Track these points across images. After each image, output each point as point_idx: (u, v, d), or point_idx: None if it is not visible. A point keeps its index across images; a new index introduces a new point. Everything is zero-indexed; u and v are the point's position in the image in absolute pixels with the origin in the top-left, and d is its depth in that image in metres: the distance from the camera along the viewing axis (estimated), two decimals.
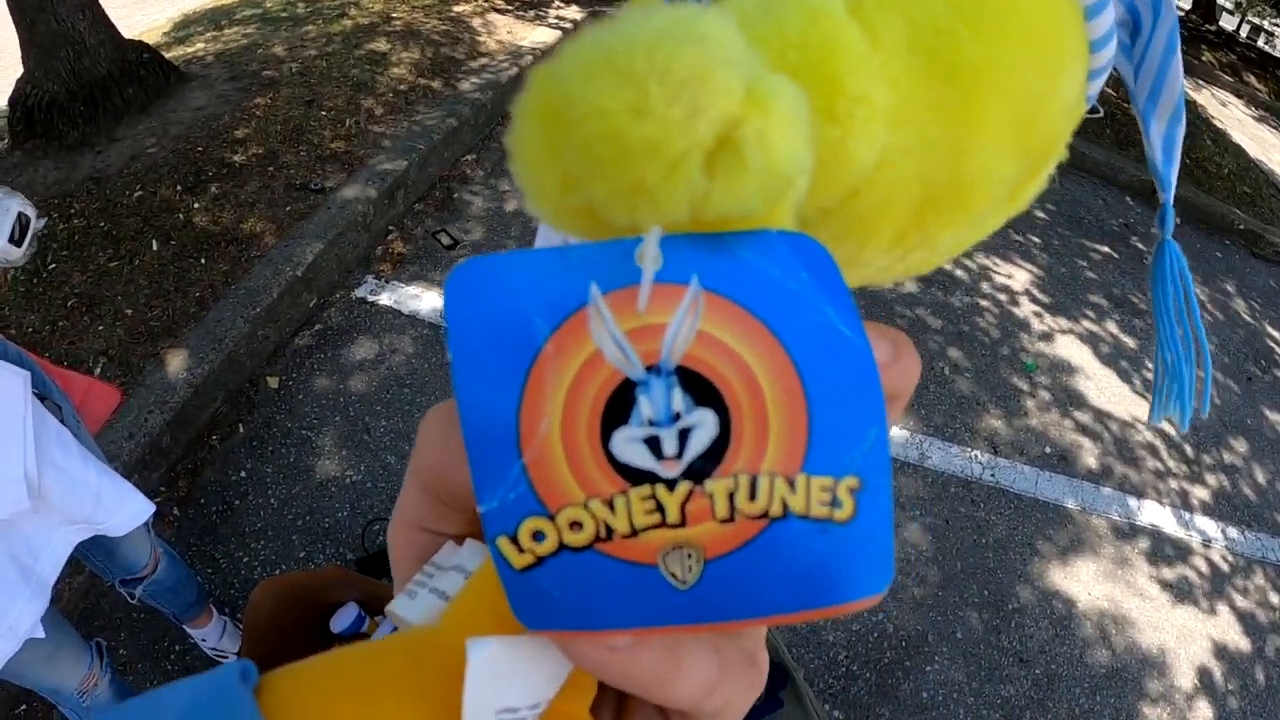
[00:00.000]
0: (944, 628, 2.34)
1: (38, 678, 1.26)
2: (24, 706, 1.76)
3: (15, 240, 1.03)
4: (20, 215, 1.02)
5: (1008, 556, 2.54)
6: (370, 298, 2.77)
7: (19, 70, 3.00)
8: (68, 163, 2.89)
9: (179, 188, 2.83)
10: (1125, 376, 3.27)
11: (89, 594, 1.94)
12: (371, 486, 2.29)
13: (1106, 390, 3.18)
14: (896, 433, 2.75)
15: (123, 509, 1.21)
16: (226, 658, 1.90)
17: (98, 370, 2.22)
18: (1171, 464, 3.03)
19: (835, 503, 0.19)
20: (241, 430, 2.33)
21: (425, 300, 2.81)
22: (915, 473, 2.64)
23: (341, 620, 1.94)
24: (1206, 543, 2.80)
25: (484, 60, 3.87)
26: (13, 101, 2.99)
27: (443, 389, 2.56)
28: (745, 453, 0.19)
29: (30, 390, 1.05)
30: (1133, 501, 2.83)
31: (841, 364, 0.19)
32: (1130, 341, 3.45)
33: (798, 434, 0.19)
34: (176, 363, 2.25)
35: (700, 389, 0.18)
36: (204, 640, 1.86)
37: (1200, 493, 2.97)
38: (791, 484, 0.19)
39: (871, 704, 2.17)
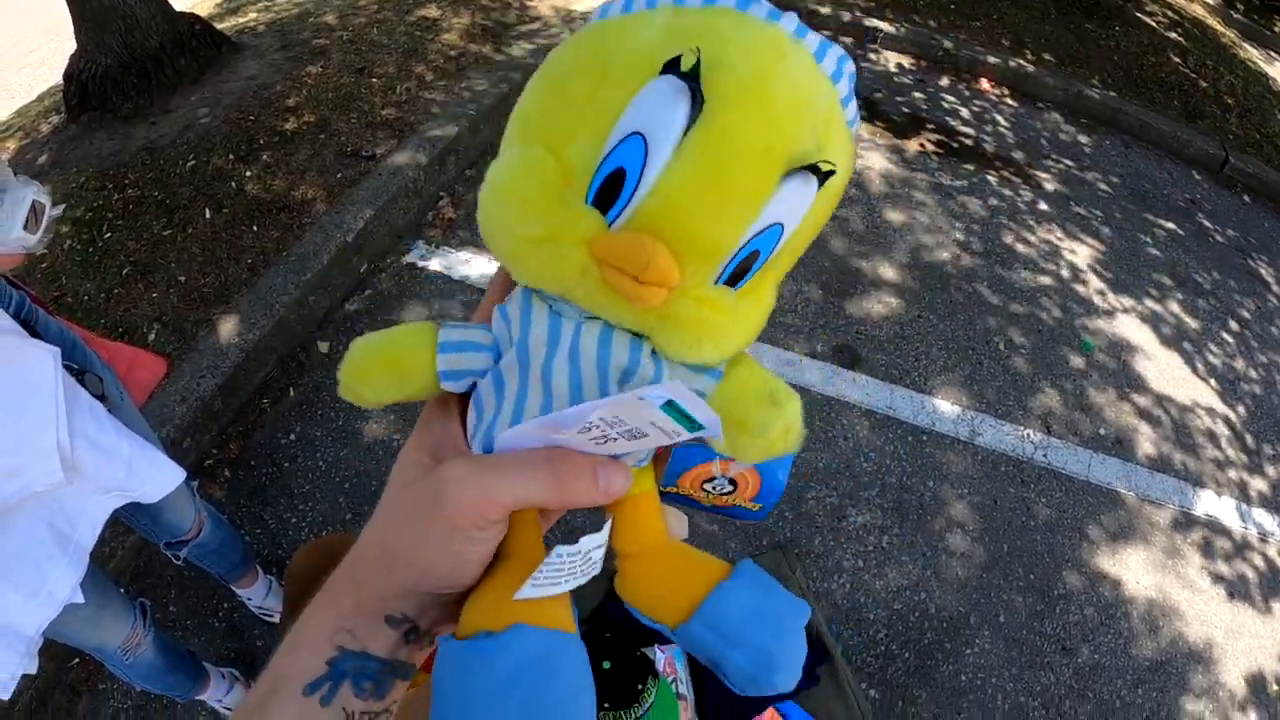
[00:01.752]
0: (987, 610, 2.30)
1: (80, 637, 1.29)
2: (76, 660, 1.84)
3: (30, 228, 1.04)
4: (35, 204, 1.03)
5: (1056, 540, 2.47)
6: (420, 263, 2.79)
7: (73, 46, 3.07)
8: (122, 134, 2.96)
9: (231, 156, 2.87)
10: (1187, 359, 3.14)
11: (141, 553, 2.02)
12: None
13: (1167, 372, 3.06)
14: (948, 408, 2.68)
15: (155, 477, 1.23)
16: (272, 617, 1.96)
17: (151, 336, 2.29)
18: (1231, 453, 2.90)
19: None
20: (292, 394, 2.37)
21: (475, 265, 2.82)
22: (965, 450, 2.58)
23: None
24: (1264, 537, 2.69)
25: (535, 25, 3.84)
26: (67, 76, 3.07)
27: None
28: None
29: (60, 366, 1.07)
30: (1189, 490, 2.72)
31: None
32: (1193, 323, 3.30)
33: None
34: (228, 328, 2.29)
35: None
36: (250, 599, 1.92)
37: (1260, 485, 2.85)
38: None
39: (909, 684, 2.15)
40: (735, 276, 0.36)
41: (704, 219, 0.33)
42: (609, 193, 0.34)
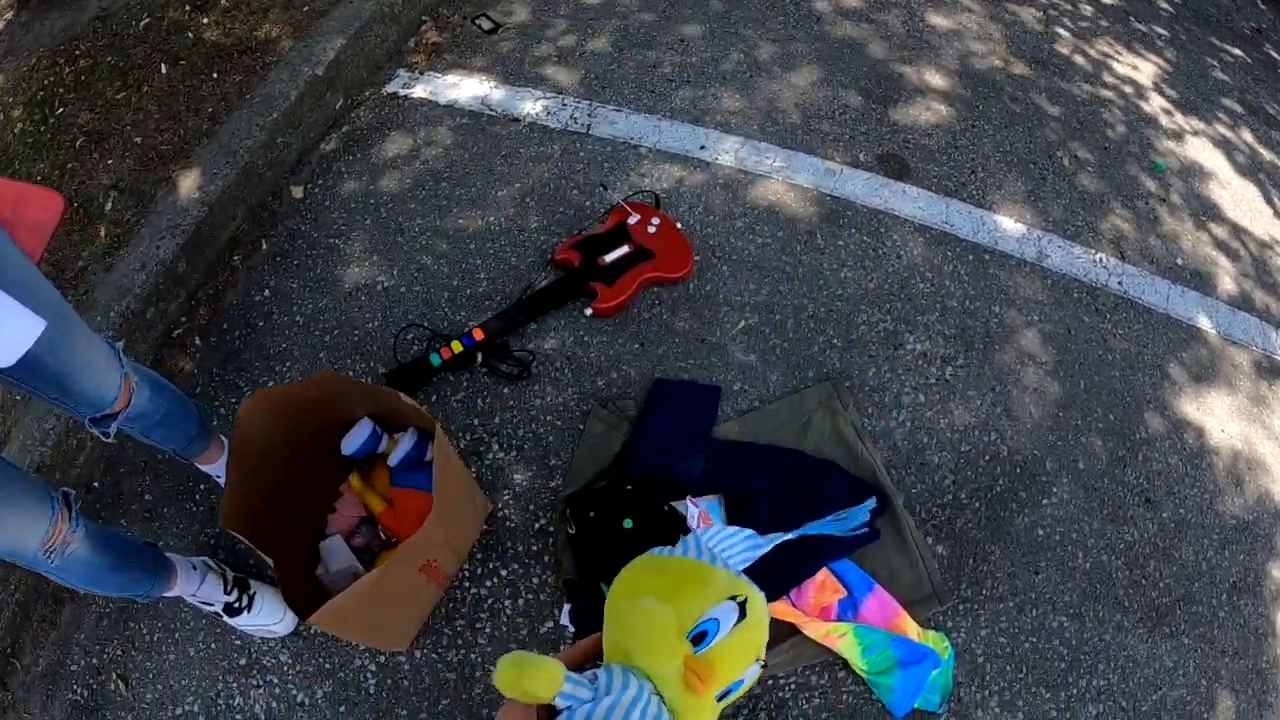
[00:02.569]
0: (1064, 454, 1.90)
1: None
2: None
3: None
4: None
5: (1135, 377, 2.07)
6: (403, 91, 2.43)
7: None
8: (74, 8, 2.65)
9: (187, 7, 2.53)
10: (1264, 191, 2.72)
11: (109, 445, 1.77)
12: (405, 291, 2.02)
13: (1243, 203, 2.64)
14: (1012, 226, 2.22)
15: (9, 330, 0.97)
16: None
17: (109, 206, 2.04)
18: None
19: None
20: (264, 246, 2.12)
21: (464, 88, 2.42)
22: (1033, 273, 2.14)
23: (354, 440, 1.56)
24: None
25: None
26: None
27: (484, 179, 2.21)
28: None
29: None
30: (1273, 333, 2.34)
31: None
32: (1268, 154, 2.87)
33: None
34: (188, 183, 2.05)
35: None
36: (218, 476, 1.69)
37: None
38: None
39: (981, 540, 1.76)
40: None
41: (731, 668, 0.79)
42: (698, 639, 0.78)
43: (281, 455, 1.48)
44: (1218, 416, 2.10)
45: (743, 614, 0.79)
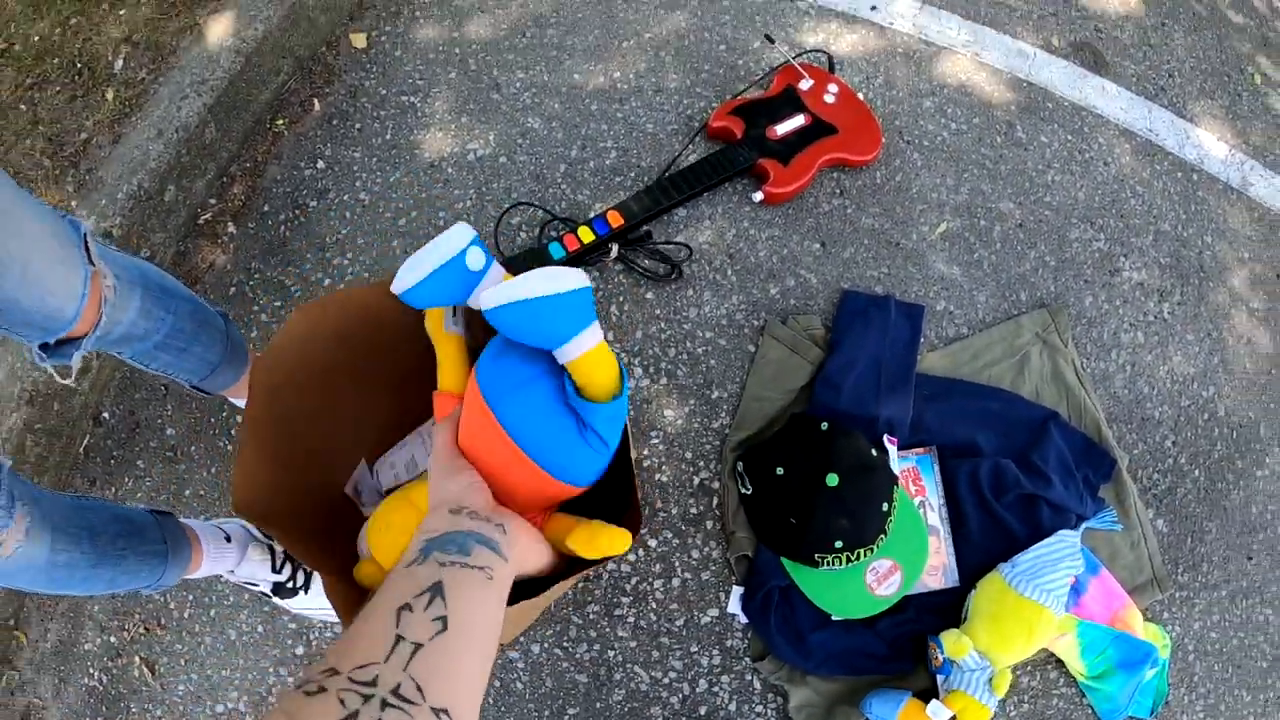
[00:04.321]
0: (1277, 420, 1.61)
1: None
2: None
3: None
4: None
5: None
6: None
7: None
8: None
9: None
10: None
11: (122, 364, 1.37)
12: (507, 162, 1.58)
13: None
14: (1215, 145, 1.87)
15: None
16: None
17: (119, 64, 1.57)
18: None
19: None
20: (317, 107, 1.66)
21: None
22: (1239, 201, 1.81)
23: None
24: None
25: None
26: None
27: (602, 27, 1.76)
28: None
29: None
30: None
31: None
32: None
33: None
34: (219, 30, 1.60)
35: None
36: None
37: None
38: None
39: (1199, 516, 1.48)
40: None
41: None
42: None
43: (327, 404, 0.92)
44: None
45: None
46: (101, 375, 1.38)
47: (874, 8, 1.79)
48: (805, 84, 1.56)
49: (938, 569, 1.30)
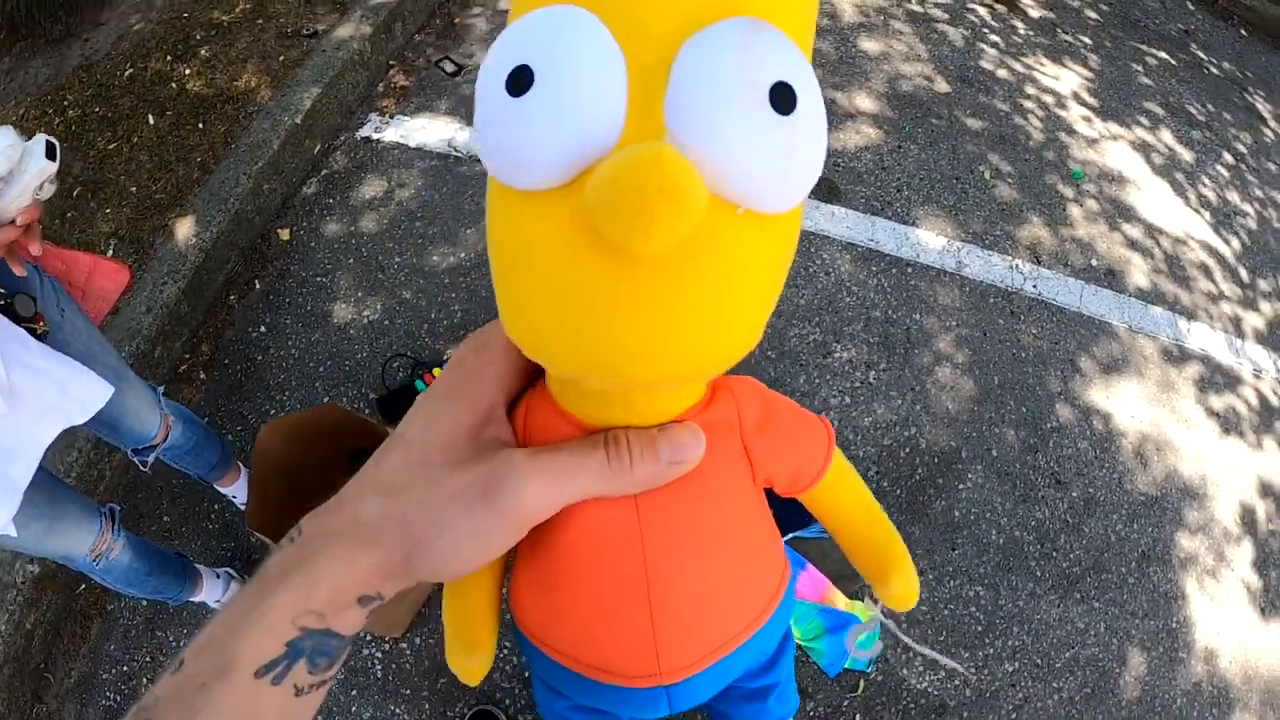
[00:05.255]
0: (978, 445, 2.14)
1: (41, 547, 1.28)
2: (82, 587, 1.82)
3: (51, 156, 1.06)
4: (47, 142, 1.06)
5: (1047, 373, 2.31)
6: (375, 135, 2.64)
7: None
8: (57, 57, 2.79)
9: (169, 57, 2.71)
10: (1179, 189, 2.95)
11: (129, 470, 1.96)
12: (389, 324, 2.22)
13: (1159, 203, 2.86)
14: (933, 240, 2.46)
15: (86, 395, 1.19)
16: None
17: (110, 252, 2.19)
18: (1225, 287, 2.74)
19: None
20: (258, 286, 2.29)
21: (431, 130, 2.64)
22: (951, 281, 2.37)
23: None
24: (1258, 373, 2.55)
25: None
26: None
27: (453, 218, 2.44)
28: None
29: None
30: (1182, 323, 2.56)
31: None
32: (1186, 154, 3.10)
33: None
34: (185, 230, 2.21)
35: None
36: (235, 497, 1.88)
37: (1254, 320, 2.70)
38: None
39: (902, 521, 1.99)
40: None
41: None
42: None
43: (300, 468, 1.66)
44: (1126, 403, 2.33)
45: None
46: (113, 480, 1.92)
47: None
48: None
49: None
